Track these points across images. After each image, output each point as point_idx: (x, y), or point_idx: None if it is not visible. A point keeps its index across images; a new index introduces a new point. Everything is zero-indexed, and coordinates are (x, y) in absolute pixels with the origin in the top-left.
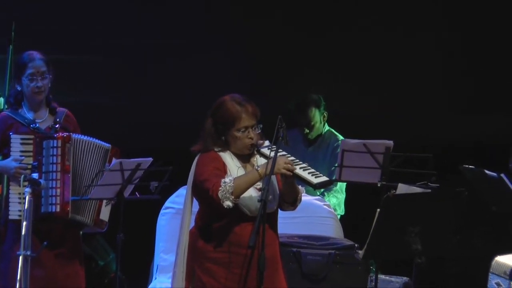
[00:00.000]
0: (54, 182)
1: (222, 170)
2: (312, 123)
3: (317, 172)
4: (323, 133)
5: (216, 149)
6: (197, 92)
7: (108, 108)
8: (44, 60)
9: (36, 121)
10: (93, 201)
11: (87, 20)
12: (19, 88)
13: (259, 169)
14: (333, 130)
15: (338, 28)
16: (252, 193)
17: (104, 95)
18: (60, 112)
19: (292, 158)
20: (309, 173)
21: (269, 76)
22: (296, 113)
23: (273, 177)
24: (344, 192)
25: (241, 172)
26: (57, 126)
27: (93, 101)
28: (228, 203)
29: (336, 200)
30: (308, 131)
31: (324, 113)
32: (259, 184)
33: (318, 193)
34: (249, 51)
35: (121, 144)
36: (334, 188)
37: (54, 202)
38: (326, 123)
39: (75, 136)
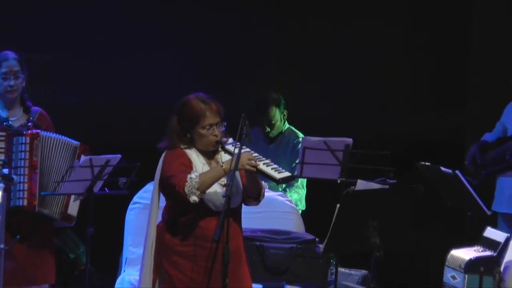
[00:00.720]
0: (22, 177)
1: (188, 166)
2: (273, 121)
3: (280, 168)
4: (283, 130)
5: (182, 146)
6: (163, 90)
7: (80, 106)
8: (17, 59)
9: (10, 119)
10: (61, 196)
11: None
12: None
13: (223, 165)
14: (293, 128)
15: (299, 26)
16: (217, 188)
17: (74, 94)
18: (34, 110)
19: (256, 154)
20: (272, 168)
21: (232, 75)
22: (257, 112)
23: (237, 173)
24: (305, 188)
25: (206, 168)
26: (30, 124)
27: (66, 100)
28: (194, 198)
29: (297, 195)
30: (269, 129)
31: (284, 112)
32: (224, 180)
33: (280, 189)
34: (212, 49)
35: (91, 141)
36: (296, 184)
37: (21, 196)
38: (286, 121)
39: (43, 133)
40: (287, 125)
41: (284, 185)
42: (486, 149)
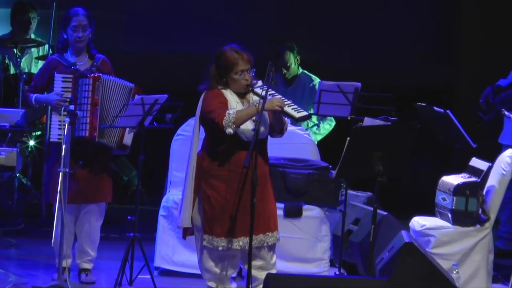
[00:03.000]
0: (85, 112)
1: (225, 103)
2: (288, 64)
3: (299, 108)
4: (298, 74)
5: (219, 87)
6: (202, 42)
7: (135, 55)
8: (86, 15)
9: (77, 64)
10: (118, 129)
11: None
12: (65, 36)
13: (256, 105)
14: (306, 72)
15: None
16: (248, 123)
17: (132, 44)
18: (98, 57)
19: (280, 96)
20: (292, 108)
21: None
22: (275, 57)
23: (265, 112)
24: (334, 121)
25: (240, 106)
26: (93, 68)
27: (125, 49)
28: (229, 130)
29: (329, 126)
30: (285, 71)
31: (297, 57)
32: (255, 117)
33: (316, 121)
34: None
35: (144, 83)
36: (329, 118)
37: (84, 128)
38: (299, 66)
39: (104, 76)
40: (300, 70)
41: (317, 117)
42: (499, 92)
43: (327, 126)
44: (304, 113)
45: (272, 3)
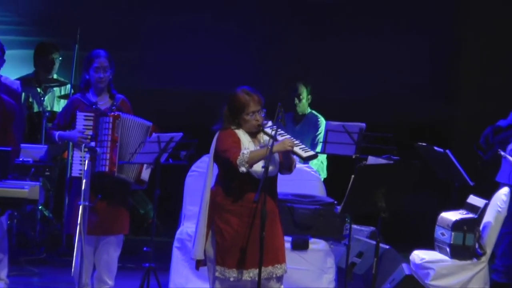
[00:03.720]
0: (105, 149)
1: (238, 143)
2: (301, 96)
3: (306, 147)
4: (306, 113)
5: (232, 127)
6: (214, 82)
7: (153, 93)
8: (107, 57)
9: (98, 103)
10: (136, 165)
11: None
12: (87, 77)
13: (268, 146)
14: (314, 112)
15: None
16: (260, 162)
17: (150, 83)
18: (118, 97)
19: (289, 136)
20: (300, 148)
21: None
22: (289, 90)
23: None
24: (325, 161)
25: (252, 145)
26: (113, 107)
27: (142, 87)
28: (243, 169)
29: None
30: (297, 102)
31: (309, 96)
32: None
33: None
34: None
35: (160, 121)
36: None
37: (104, 164)
38: (309, 106)
39: (123, 115)
40: (309, 109)
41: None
42: (498, 132)
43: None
44: (311, 153)
45: (282, 47)
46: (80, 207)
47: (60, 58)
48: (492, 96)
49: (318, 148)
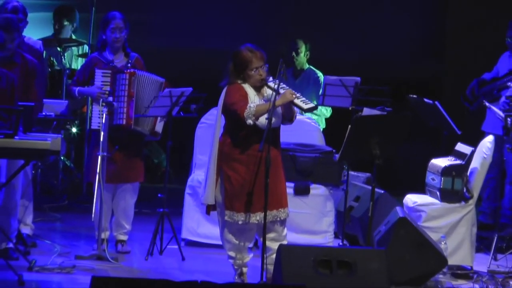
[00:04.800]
0: (122, 103)
1: (245, 96)
2: (299, 50)
3: (306, 100)
4: (305, 69)
5: (239, 82)
6: (221, 39)
7: (165, 51)
8: (123, 18)
9: (115, 61)
10: (151, 118)
11: None
12: (104, 37)
13: (272, 99)
14: (312, 67)
15: None
16: (265, 114)
17: (161, 41)
18: (132, 56)
19: (290, 89)
20: (301, 101)
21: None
22: (289, 43)
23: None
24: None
25: (257, 98)
26: (129, 65)
27: (153, 45)
28: (249, 121)
29: (325, 111)
30: (295, 55)
31: (307, 52)
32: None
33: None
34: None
35: (172, 77)
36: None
37: (121, 117)
38: (307, 61)
39: (138, 72)
40: (307, 65)
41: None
42: (483, 84)
43: (324, 110)
44: (311, 105)
45: (283, 7)
46: (99, 157)
47: (72, 25)
48: (477, 52)
49: (314, 101)
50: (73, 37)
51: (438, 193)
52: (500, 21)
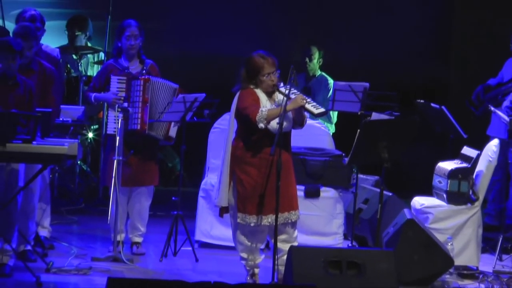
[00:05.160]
0: (136, 109)
1: (257, 101)
2: (312, 57)
3: (317, 105)
4: (317, 75)
5: (251, 87)
6: (233, 47)
7: (179, 58)
8: (138, 26)
9: (130, 67)
10: (165, 123)
11: None
12: (119, 44)
13: (283, 104)
14: (324, 74)
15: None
16: (276, 119)
17: (176, 49)
18: (147, 62)
19: (301, 94)
20: (312, 105)
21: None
22: (303, 50)
23: None
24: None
25: (269, 103)
26: (143, 71)
27: (171, 53)
28: (261, 125)
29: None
30: (308, 61)
31: (320, 59)
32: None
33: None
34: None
35: (186, 83)
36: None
37: (136, 122)
38: (319, 68)
39: (153, 78)
40: (319, 72)
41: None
42: (488, 90)
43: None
44: (322, 110)
45: (296, 13)
46: (115, 161)
47: (85, 34)
48: (482, 58)
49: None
50: (89, 44)
51: (444, 195)
52: (506, 28)
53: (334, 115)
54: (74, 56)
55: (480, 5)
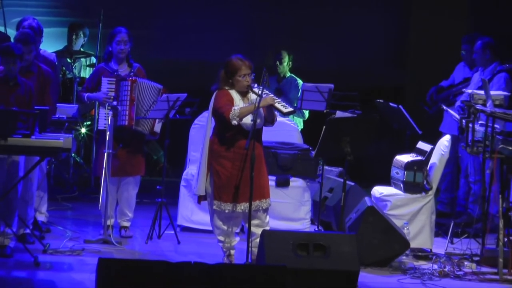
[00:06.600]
0: (125, 107)
1: (231, 101)
2: (282, 60)
3: (286, 104)
4: (287, 76)
5: (226, 88)
6: (211, 52)
7: (164, 62)
8: (127, 33)
9: (119, 70)
10: (150, 119)
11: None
12: (110, 49)
13: (255, 103)
14: (293, 75)
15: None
16: (248, 116)
17: (159, 53)
18: (135, 66)
19: (272, 95)
20: (281, 105)
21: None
22: (273, 53)
23: (261, 108)
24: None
25: (242, 102)
26: (131, 74)
27: (156, 57)
28: (234, 122)
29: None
30: (278, 64)
31: (290, 62)
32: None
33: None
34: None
35: (169, 84)
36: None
37: (124, 119)
38: (289, 70)
39: (140, 80)
40: (289, 73)
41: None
42: (441, 91)
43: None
44: (290, 109)
45: (270, 23)
46: (105, 154)
47: (82, 37)
48: (436, 62)
49: (296, 104)
50: (82, 49)
51: (401, 185)
52: (456, 36)
53: (306, 112)
54: (69, 60)
55: (433, 16)
